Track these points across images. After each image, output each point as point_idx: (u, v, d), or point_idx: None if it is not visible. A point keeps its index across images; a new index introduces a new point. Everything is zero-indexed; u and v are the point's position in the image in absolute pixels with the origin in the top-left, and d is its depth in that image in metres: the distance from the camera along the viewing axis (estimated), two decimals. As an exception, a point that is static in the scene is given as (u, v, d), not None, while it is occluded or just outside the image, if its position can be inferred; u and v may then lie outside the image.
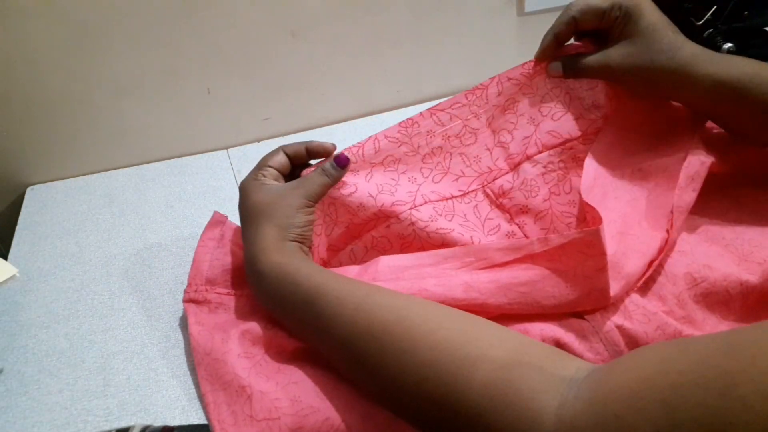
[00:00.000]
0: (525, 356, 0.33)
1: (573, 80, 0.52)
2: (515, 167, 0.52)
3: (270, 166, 0.50)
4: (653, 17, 0.48)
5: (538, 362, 0.33)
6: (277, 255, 0.45)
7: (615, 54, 0.48)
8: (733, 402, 0.23)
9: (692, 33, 0.77)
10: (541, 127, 0.52)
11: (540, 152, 0.52)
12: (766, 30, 0.79)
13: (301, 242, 0.47)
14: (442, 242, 0.48)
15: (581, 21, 0.49)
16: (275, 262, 0.44)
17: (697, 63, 0.46)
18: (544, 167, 0.51)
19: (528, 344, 0.35)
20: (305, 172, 0.50)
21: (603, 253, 0.40)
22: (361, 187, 0.49)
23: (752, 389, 0.23)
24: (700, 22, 0.75)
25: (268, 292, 0.45)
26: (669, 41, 0.47)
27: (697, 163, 0.47)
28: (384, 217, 0.49)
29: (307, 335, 0.44)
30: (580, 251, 0.41)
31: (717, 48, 0.76)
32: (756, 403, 0.22)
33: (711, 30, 0.76)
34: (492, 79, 0.52)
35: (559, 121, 0.52)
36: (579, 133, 0.52)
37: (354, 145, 0.50)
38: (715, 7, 0.75)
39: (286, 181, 0.51)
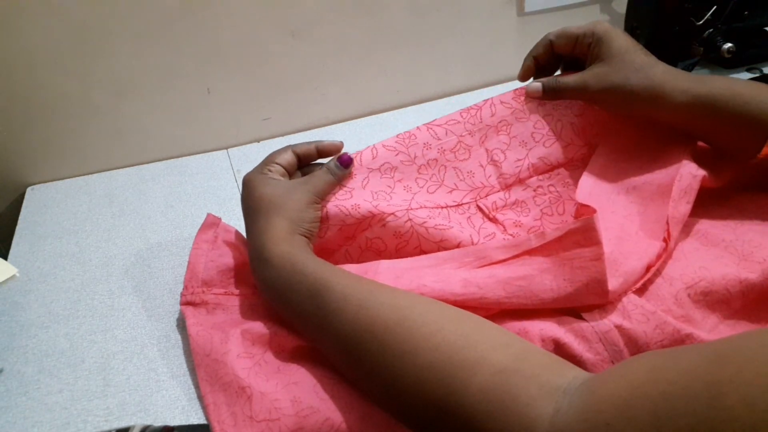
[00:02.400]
0: (524, 362, 0.33)
1: (563, 107, 0.54)
2: (507, 188, 0.53)
3: (277, 163, 0.50)
4: (625, 41, 0.50)
5: (536, 369, 0.33)
6: (286, 245, 0.45)
7: (591, 75, 0.50)
8: (720, 412, 0.23)
9: (692, 33, 0.77)
10: (533, 152, 0.54)
11: (530, 177, 0.53)
12: (766, 30, 0.79)
13: (309, 237, 0.47)
14: (441, 238, 0.48)
15: (557, 44, 0.53)
16: (284, 251, 0.44)
17: (671, 80, 0.48)
18: (534, 191, 0.53)
19: (528, 350, 0.35)
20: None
21: (598, 242, 0.40)
22: (357, 193, 0.50)
23: (738, 399, 0.23)
24: (700, 22, 0.75)
25: (273, 281, 0.45)
26: (642, 61, 0.49)
27: (689, 177, 0.48)
28: (380, 214, 0.49)
29: (307, 329, 0.44)
30: (577, 242, 0.41)
31: (717, 48, 0.76)
32: (742, 413, 0.23)
33: (711, 30, 0.76)
34: (485, 101, 0.54)
35: (550, 148, 0.54)
36: (567, 160, 0.54)
37: (354, 154, 0.51)
38: (715, 7, 0.75)
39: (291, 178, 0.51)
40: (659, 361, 0.28)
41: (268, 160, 0.50)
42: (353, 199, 0.49)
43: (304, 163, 0.52)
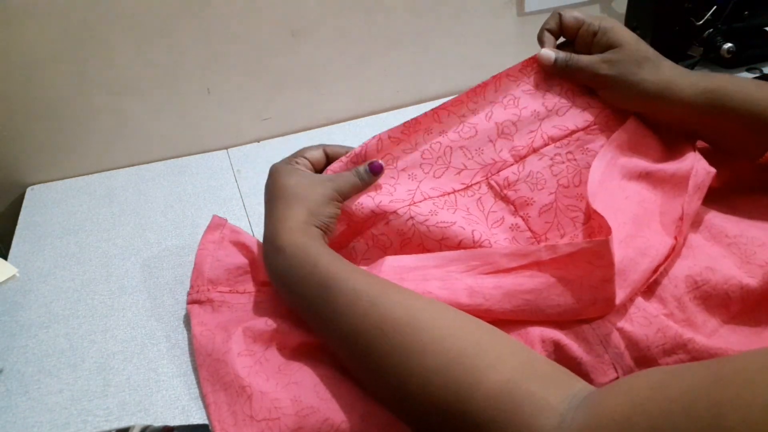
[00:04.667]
0: (531, 373, 0.34)
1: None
2: (521, 159, 0.51)
3: (306, 158, 0.51)
4: (632, 34, 0.49)
5: (543, 380, 0.33)
6: (300, 235, 0.45)
7: (603, 59, 0.49)
8: None
9: (692, 33, 0.77)
10: (547, 121, 0.51)
11: (546, 145, 0.51)
12: (766, 30, 0.79)
13: (325, 231, 0.47)
14: (443, 236, 0.47)
15: (565, 20, 0.52)
16: (298, 241, 0.45)
17: (680, 74, 0.47)
18: (551, 159, 0.50)
19: (536, 360, 0.35)
20: (330, 169, 0.51)
21: (611, 264, 0.39)
22: None
23: (739, 420, 0.23)
24: (700, 22, 0.75)
25: (284, 270, 0.45)
26: (651, 53, 0.48)
27: (703, 173, 0.47)
28: (382, 213, 0.49)
29: (314, 322, 0.44)
30: (588, 261, 0.40)
31: (717, 48, 0.76)
32: None
33: (711, 30, 0.76)
34: (493, 77, 0.53)
35: (564, 117, 0.51)
36: (587, 123, 0.51)
37: (361, 145, 0.51)
38: (715, 7, 0.75)
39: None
40: (662, 378, 0.28)
41: (298, 154, 0.51)
42: (356, 196, 0.49)
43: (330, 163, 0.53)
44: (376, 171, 0.50)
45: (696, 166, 0.47)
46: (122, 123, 0.73)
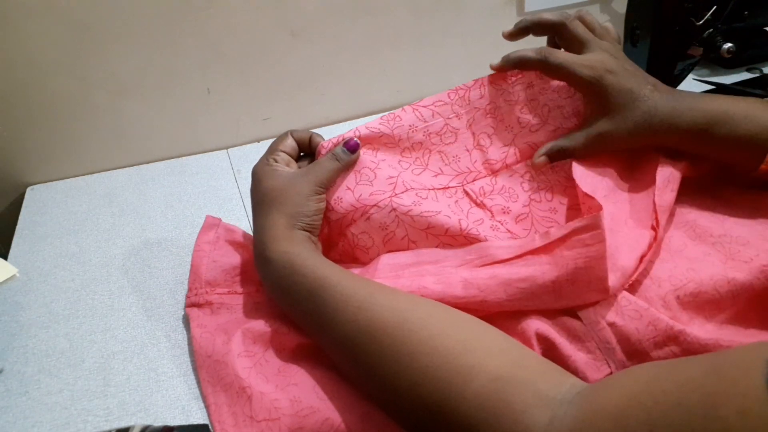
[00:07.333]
0: (521, 370, 0.34)
1: (551, 91, 0.52)
2: (494, 173, 0.52)
3: (281, 150, 0.50)
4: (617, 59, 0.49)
5: (533, 377, 0.33)
6: (285, 244, 0.45)
7: (584, 64, 0.48)
8: (715, 423, 0.23)
9: (692, 33, 0.77)
10: (519, 137, 0.52)
11: (518, 162, 0.52)
12: (766, 30, 0.79)
13: (311, 231, 0.47)
14: (428, 225, 0.47)
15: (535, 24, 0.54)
16: (283, 251, 0.44)
17: (678, 100, 0.47)
18: (522, 176, 0.52)
19: (526, 357, 0.35)
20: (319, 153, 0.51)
21: (602, 240, 0.40)
22: (339, 179, 0.49)
23: (733, 410, 0.23)
24: (700, 22, 0.75)
25: (274, 279, 0.45)
26: (637, 80, 0.48)
27: (669, 169, 0.48)
28: (362, 207, 0.48)
29: (308, 327, 0.44)
30: (581, 241, 0.41)
31: (717, 48, 0.76)
32: (736, 423, 0.23)
33: (711, 30, 0.76)
34: (475, 81, 0.53)
35: (536, 134, 0.52)
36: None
37: (334, 137, 0.50)
38: (715, 7, 0.75)
39: (297, 162, 0.52)
40: (656, 371, 0.28)
41: (273, 149, 0.50)
42: (335, 188, 0.49)
43: (300, 150, 0.52)
44: (353, 148, 0.49)
45: (659, 167, 0.47)
46: (122, 123, 0.73)
